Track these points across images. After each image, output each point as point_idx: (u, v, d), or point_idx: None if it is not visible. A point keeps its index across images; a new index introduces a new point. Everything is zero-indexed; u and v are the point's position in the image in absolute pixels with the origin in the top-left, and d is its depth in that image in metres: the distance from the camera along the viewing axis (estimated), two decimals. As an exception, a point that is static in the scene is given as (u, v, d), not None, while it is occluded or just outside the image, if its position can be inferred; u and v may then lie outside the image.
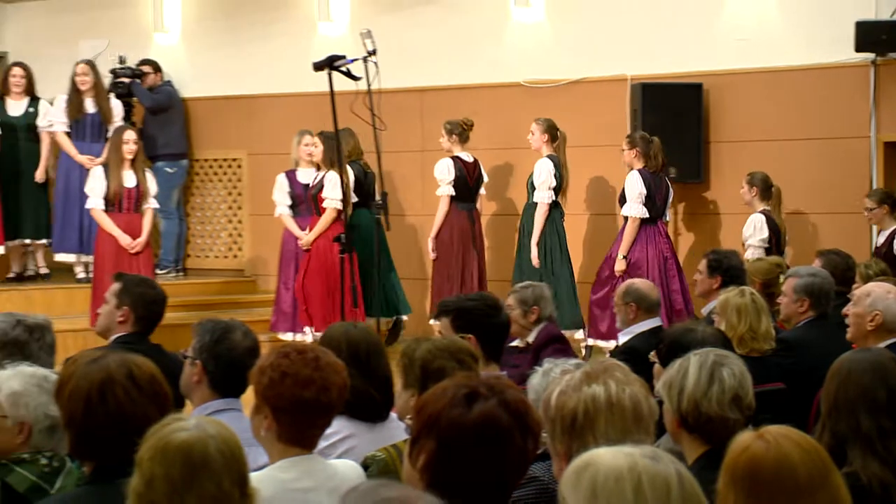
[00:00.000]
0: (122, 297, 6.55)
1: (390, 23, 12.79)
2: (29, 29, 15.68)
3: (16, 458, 4.25)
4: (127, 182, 11.63)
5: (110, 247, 11.66)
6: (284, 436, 4.01)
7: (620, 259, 11.41)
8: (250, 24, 14.44)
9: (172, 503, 3.09)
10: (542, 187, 11.73)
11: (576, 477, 2.71)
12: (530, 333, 7.62)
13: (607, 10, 12.61)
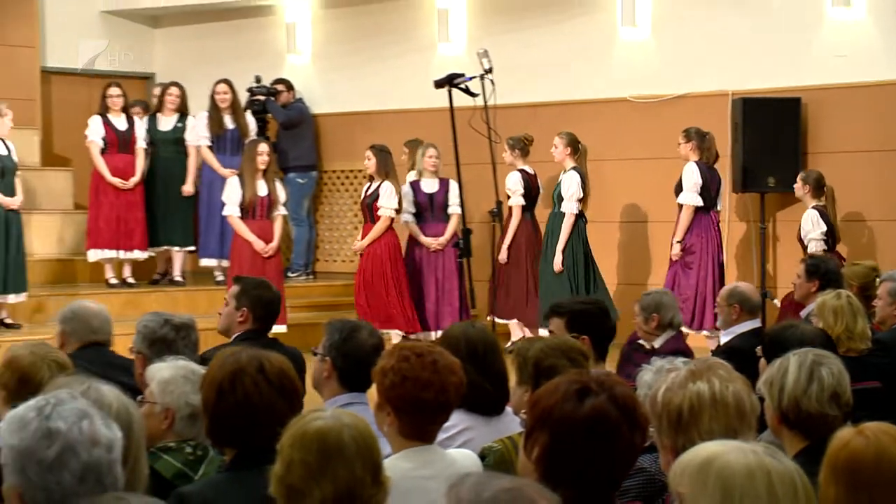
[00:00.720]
0: (241, 299, 6.64)
1: (505, 43, 12.78)
2: (175, 51, 15.93)
3: (163, 447, 4.31)
4: (260, 191, 11.74)
5: (245, 251, 11.75)
6: (405, 431, 4.03)
7: (676, 244, 11.38)
8: (375, 46, 14.51)
9: (309, 486, 3.11)
10: (570, 198, 11.70)
11: (699, 473, 2.68)
12: (656, 339, 7.53)
13: (710, 28, 12.50)
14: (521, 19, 13.56)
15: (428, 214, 12.04)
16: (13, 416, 2.87)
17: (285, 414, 3.61)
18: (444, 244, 11.89)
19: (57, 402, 2.87)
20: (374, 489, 3.20)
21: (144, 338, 5.38)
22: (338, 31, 14.96)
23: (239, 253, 11.81)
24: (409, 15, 14.33)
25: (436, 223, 12.02)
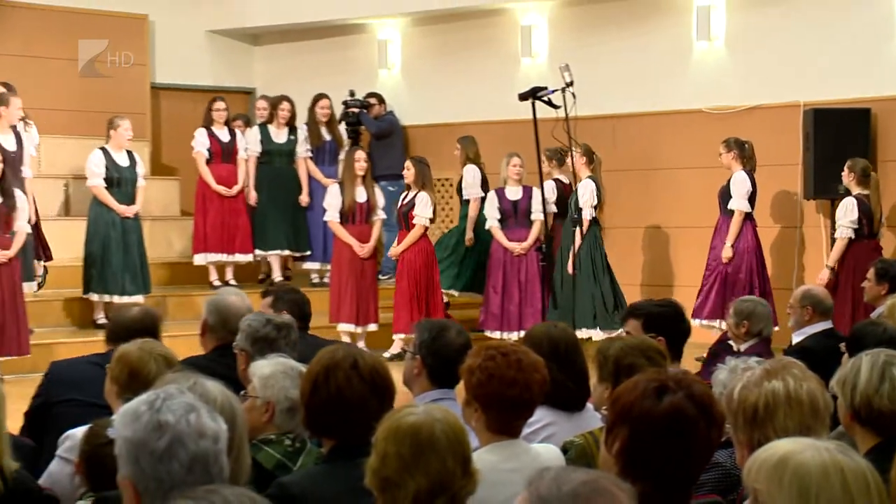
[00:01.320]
0: (278, 305, 6.69)
1: (585, 57, 12.72)
2: (274, 67, 16.05)
3: (264, 439, 4.35)
4: (359, 197, 11.81)
5: (346, 254, 11.82)
6: (492, 426, 4.03)
7: (728, 247, 11.30)
8: (461, 61, 14.53)
9: (403, 479, 3.12)
10: (585, 205, 11.62)
11: (775, 471, 2.66)
12: (744, 343, 7.52)
13: (782, 41, 12.39)
14: (601, 35, 13.51)
15: (511, 220, 12.03)
16: (126, 410, 2.90)
17: (377, 409, 3.63)
18: (527, 249, 11.89)
19: (166, 397, 2.89)
20: (465, 481, 3.20)
21: (248, 336, 5.41)
22: (426, 48, 15.00)
23: (339, 256, 11.90)
24: (494, 31, 14.33)
25: (519, 229, 12.01)
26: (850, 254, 10.85)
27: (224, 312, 5.93)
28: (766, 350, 7.50)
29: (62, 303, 12.01)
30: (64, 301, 12.01)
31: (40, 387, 5.85)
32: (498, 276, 12.04)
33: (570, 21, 13.82)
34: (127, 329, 5.63)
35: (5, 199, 10.26)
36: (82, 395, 5.34)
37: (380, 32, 15.22)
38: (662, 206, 12.50)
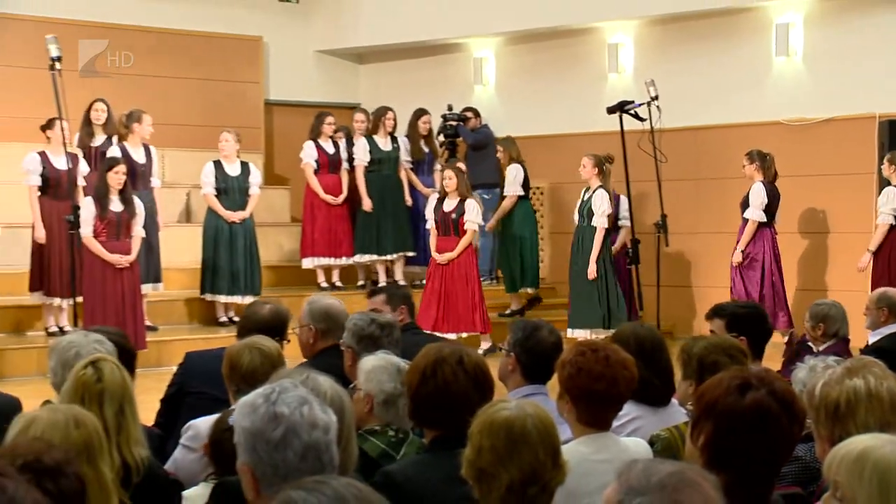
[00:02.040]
0: (394, 301, 6.73)
1: (668, 72, 12.64)
2: (377, 84, 16.14)
3: (370, 430, 4.36)
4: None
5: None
6: (582, 418, 4.01)
7: (738, 252, 11.26)
8: (551, 77, 14.49)
9: (497, 470, 3.11)
10: (601, 214, 11.47)
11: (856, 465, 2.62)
12: (822, 344, 7.49)
13: (857, 56, 12.20)
14: (683, 51, 13.41)
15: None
16: (244, 402, 2.93)
17: (478, 402, 3.63)
18: (614, 254, 11.81)
19: (282, 390, 2.92)
20: (555, 472, 3.19)
21: (354, 334, 5.43)
22: (519, 65, 14.99)
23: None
24: (582, 49, 14.28)
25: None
26: (889, 240, 10.85)
27: (334, 317, 5.96)
28: (845, 350, 7.40)
29: (183, 302, 12.17)
30: (184, 301, 12.17)
31: (175, 375, 5.93)
32: None
33: (655, 39, 13.73)
34: (256, 326, 5.70)
35: (126, 207, 10.43)
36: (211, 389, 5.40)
37: (476, 51, 15.25)
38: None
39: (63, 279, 10.70)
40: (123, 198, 10.42)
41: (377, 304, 6.73)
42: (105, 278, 10.29)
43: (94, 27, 13.86)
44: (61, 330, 10.67)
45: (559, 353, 4.72)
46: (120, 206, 10.39)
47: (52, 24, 11.92)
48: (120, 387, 3.96)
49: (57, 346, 4.86)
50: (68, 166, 10.67)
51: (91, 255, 10.25)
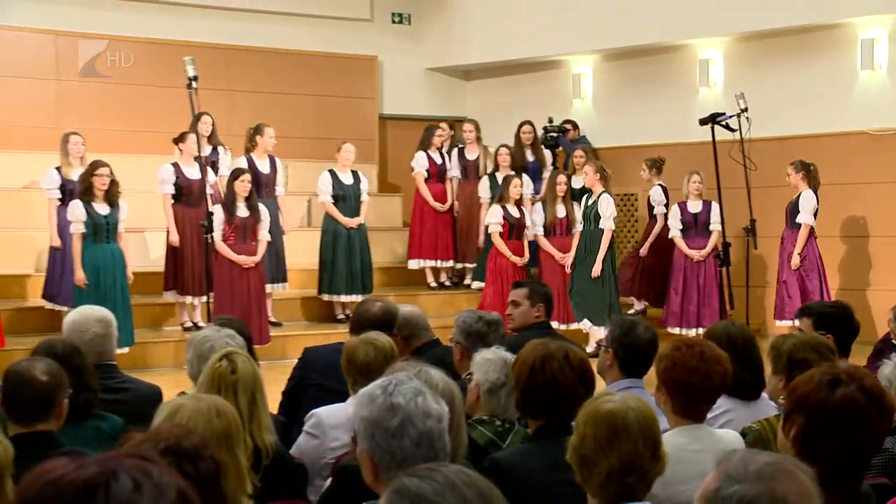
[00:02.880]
0: (534, 298, 6.66)
1: (757, 85, 12.46)
2: (483, 98, 16.15)
3: (478, 420, 4.37)
4: (559, 213, 11.82)
5: (549, 263, 11.88)
6: (678, 409, 3.98)
7: (796, 256, 11.36)
8: (645, 91, 14.38)
9: (598, 457, 3.09)
10: (608, 217, 11.48)
11: None
12: None
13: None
14: (771, 65, 13.21)
15: (692, 231, 11.88)
16: (363, 393, 2.95)
17: (582, 395, 3.62)
18: (706, 256, 11.70)
19: (398, 382, 2.93)
20: (654, 463, 3.15)
21: (462, 331, 5.45)
22: (615, 80, 14.90)
23: (546, 263, 11.92)
24: (675, 65, 14.15)
25: (698, 238, 11.85)
26: None
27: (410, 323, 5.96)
28: None
29: (302, 301, 12.28)
30: (302, 300, 12.28)
31: (295, 369, 5.98)
32: (679, 280, 11.91)
33: (744, 54, 13.55)
34: (367, 322, 5.73)
35: (252, 213, 10.57)
36: (328, 381, 5.44)
37: (575, 67, 15.19)
38: (828, 218, 12.11)
39: (195, 279, 10.88)
40: (249, 204, 10.58)
41: (518, 296, 6.70)
42: (233, 278, 10.45)
43: (220, 49, 14.06)
44: (195, 325, 10.84)
45: (655, 349, 4.71)
46: (246, 212, 10.55)
47: (188, 47, 12.10)
48: (252, 377, 4.02)
49: (193, 340, 4.95)
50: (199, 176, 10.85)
51: (221, 256, 10.41)
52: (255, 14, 14.57)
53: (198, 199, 10.71)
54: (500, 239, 11.80)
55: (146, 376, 6.18)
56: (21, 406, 3.89)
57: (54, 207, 10.69)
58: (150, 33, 13.79)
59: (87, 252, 9.86)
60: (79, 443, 4.10)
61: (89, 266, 9.83)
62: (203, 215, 10.00)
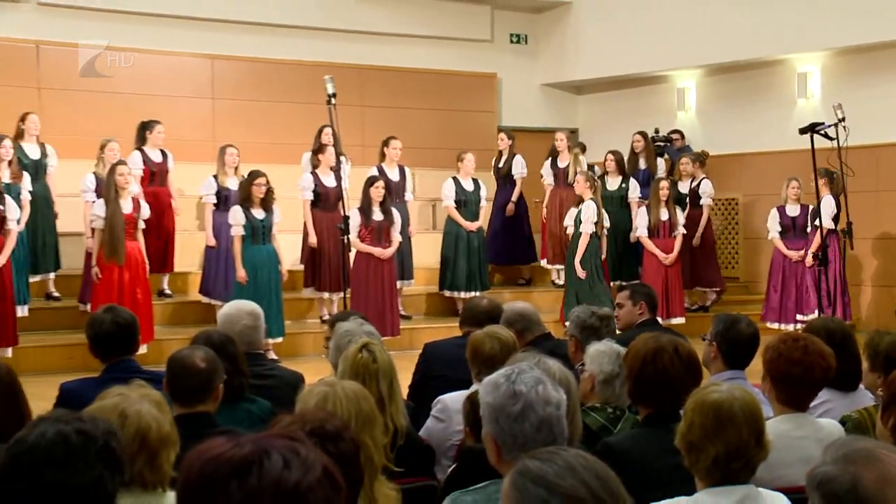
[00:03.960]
0: (636, 298, 6.58)
1: (852, 96, 12.11)
2: (593, 111, 16.09)
3: (591, 407, 4.32)
4: (662, 216, 11.69)
5: (653, 262, 11.72)
6: (781, 398, 3.90)
7: (810, 255, 11.17)
8: (746, 103, 14.16)
9: (704, 444, 3.03)
10: (587, 221, 11.27)
11: None
12: None
13: None
14: (867, 77, 12.88)
15: (791, 233, 11.61)
16: (488, 381, 2.94)
17: (689, 385, 3.56)
18: (803, 256, 11.43)
19: (520, 372, 2.91)
20: (757, 450, 3.08)
21: (577, 325, 5.40)
22: (716, 93, 14.69)
23: (649, 262, 11.78)
24: (774, 79, 13.88)
25: (797, 239, 11.58)
26: None
27: (525, 318, 5.92)
28: None
29: (427, 296, 12.33)
30: (427, 295, 12.32)
31: (419, 364, 6.00)
32: (778, 278, 11.68)
33: (841, 67, 13.22)
34: (476, 316, 5.75)
35: (386, 217, 10.66)
36: (450, 371, 5.44)
37: (679, 82, 15.02)
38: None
39: (332, 276, 11.00)
40: (383, 209, 10.67)
41: (622, 298, 6.65)
42: (368, 275, 10.54)
43: (355, 69, 14.22)
44: (333, 318, 10.97)
45: (756, 343, 4.63)
46: (381, 216, 10.64)
47: (327, 67, 12.24)
48: (389, 365, 4.06)
49: (336, 332, 5.00)
50: (335, 184, 10.97)
51: (357, 255, 10.52)
52: (386, 37, 14.70)
53: (334, 205, 10.81)
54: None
55: (295, 363, 6.26)
56: (183, 390, 3.97)
57: (210, 212, 10.92)
58: (293, 55, 14.00)
59: (246, 252, 10.04)
60: (232, 423, 4.16)
61: (248, 265, 10.00)
62: (339, 219, 10.12)
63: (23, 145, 10.71)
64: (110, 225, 9.48)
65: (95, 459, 2.25)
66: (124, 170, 9.71)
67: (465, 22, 15.30)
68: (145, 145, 11.23)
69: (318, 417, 2.61)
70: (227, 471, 1.58)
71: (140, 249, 9.76)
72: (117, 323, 4.89)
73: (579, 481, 1.96)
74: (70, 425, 2.27)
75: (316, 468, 1.61)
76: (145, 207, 10.00)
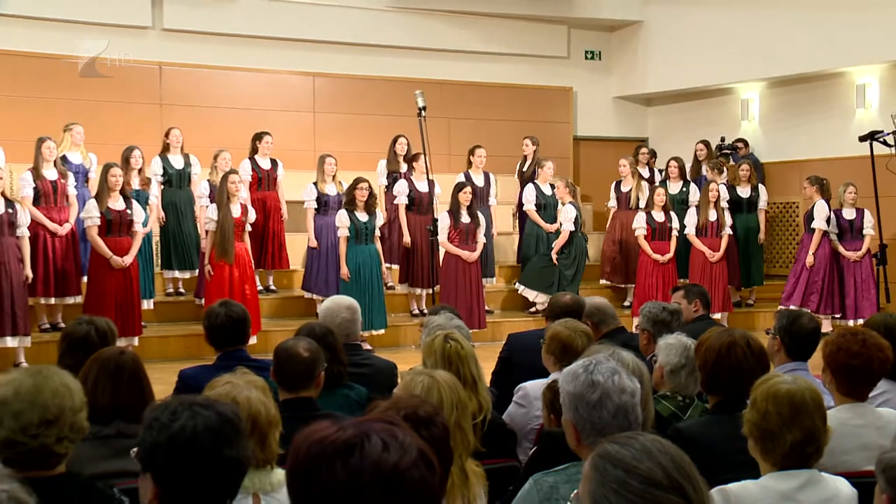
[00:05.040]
0: (690, 296, 6.48)
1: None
2: (661, 121, 15.89)
3: (662, 395, 4.26)
4: (710, 217, 11.55)
5: (699, 260, 11.60)
6: (842, 389, 3.83)
7: (810, 256, 11.14)
8: (806, 113, 13.87)
9: (781, 431, 2.97)
10: (567, 220, 11.37)
11: None
12: None
13: None
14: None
15: (848, 235, 11.32)
16: (568, 371, 2.91)
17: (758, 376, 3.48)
18: (861, 256, 11.16)
19: (597, 363, 2.88)
20: (825, 435, 3.02)
21: (649, 320, 5.34)
22: (778, 103, 14.40)
23: (696, 259, 11.63)
24: (833, 90, 13.56)
25: (853, 241, 11.29)
26: None
27: (601, 311, 5.86)
28: None
29: (506, 293, 12.28)
30: (508, 292, 12.28)
31: (502, 352, 5.98)
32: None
33: (896, 79, 12.91)
34: (560, 310, 5.71)
35: (472, 219, 10.67)
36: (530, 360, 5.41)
37: (743, 94, 14.76)
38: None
39: (423, 274, 11.04)
40: (471, 212, 10.68)
41: (677, 297, 6.57)
42: (457, 273, 10.57)
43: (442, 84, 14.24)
44: (422, 312, 11.00)
45: (817, 336, 4.54)
46: (468, 219, 10.66)
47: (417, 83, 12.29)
48: (472, 353, 4.05)
49: (429, 324, 5.01)
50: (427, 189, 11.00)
51: (446, 254, 10.56)
52: (471, 54, 14.70)
53: (427, 208, 10.85)
54: (644, 241, 11.55)
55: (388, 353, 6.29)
56: (288, 377, 4.00)
57: (311, 215, 11.03)
58: (385, 72, 14.08)
59: (350, 252, 10.11)
60: (332, 407, 4.19)
61: (352, 263, 10.08)
62: (429, 221, 10.15)
63: (168, 157, 10.96)
64: (222, 227, 9.63)
65: (244, 437, 2.31)
66: (235, 178, 9.86)
67: (543, 40, 15.23)
68: (257, 154, 11.39)
69: (412, 403, 2.62)
70: (331, 452, 1.60)
71: (247, 249, 9.90)
72: (230, 316, 4.95)
73: (655, 464, 1.93)
74: (227, 407, 2.34)
75: (412, 450, 1.61)
76: (252, 212, 10.14)
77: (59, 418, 2.72)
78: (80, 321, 4.61)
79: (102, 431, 3.48)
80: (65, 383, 2.78)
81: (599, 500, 1.93)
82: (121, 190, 9.32)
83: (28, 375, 2.80)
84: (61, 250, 9.54)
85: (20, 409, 2.70)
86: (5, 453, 2.69)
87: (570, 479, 2.81)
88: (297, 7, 13.59)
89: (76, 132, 10.52)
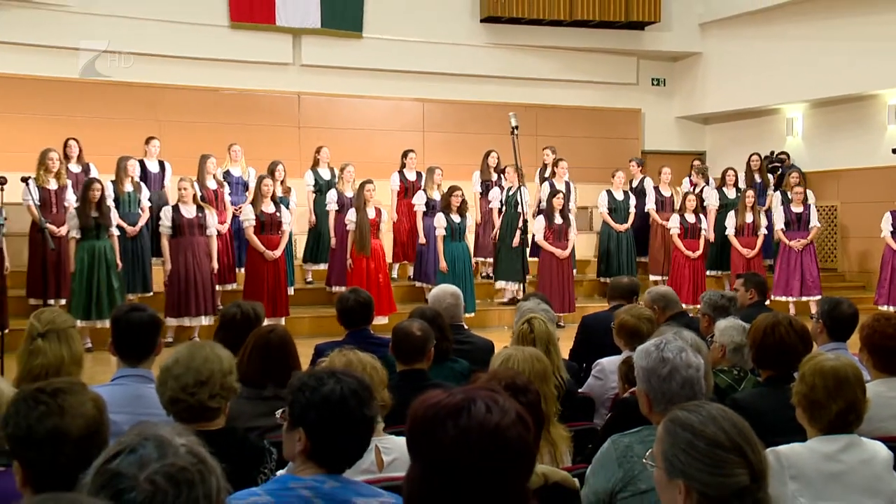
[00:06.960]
0: (748, 285, 6.34)
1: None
2: (718, 137, 15.56)
3: (720, 369, 4.16)
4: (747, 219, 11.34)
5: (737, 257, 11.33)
6: (878, 365, 3.68)
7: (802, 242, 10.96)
8: (844, 129, 13.42)
9: (828, 402, 2.86)
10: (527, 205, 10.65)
11: None
12: None
13: None
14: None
15: (893, 234, 10.81)
16: (641, 349, 2.85)
17: (801, 352, 3.38)
18: None
19: (666, 342, 2.81)
20: (865, 405, 2.90)
21: (709, 305, 5.21)
22: (819, 121, 13.95)
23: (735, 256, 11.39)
24: (866, 110, 13.09)
25: None
26: None
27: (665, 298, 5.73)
28: None
29: (586, 282, 12.15)
30: (587, 281, 12.15)
31: (578, 333, 5.92)
32: (887, 270, 10.85)
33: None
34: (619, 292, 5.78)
35: (564, 220, 10.68)
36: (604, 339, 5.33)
37: (788, 113, 14.34)
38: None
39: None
40: (563, 215, 10.68)
41: (737, 284, 6.42)
42: (551, 266, 10.63)
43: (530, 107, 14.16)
44: (513, 300, 10.97)
45: (855, 320, 4.37)
46: (560, 220, 10.64)
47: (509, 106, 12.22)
48: (546, 333, 4.02)
49: (520, 308, 4.99)
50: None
51: (543, 251, 10.65)
52: (555, 82, 14.61)
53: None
54: (677, 239, 11.24)
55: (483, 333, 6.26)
56: (404, 352, 4.02)
57: (421, 217, 11.08)
58: (483, 98, 14.10)
59: (446, 248, 10.22)
60: (440, 377, 4.20)
61: (448, 258, 10.19)
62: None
63: (318, 170, 11.19)
64: (359, 227, 9.81)
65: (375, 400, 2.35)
66: (371, 187, 10.00)
67: (616, 70, 15.04)
68: (404, 168, 11.50)
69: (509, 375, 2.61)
70: (443, 414, 1.59)
71: (381, 246, 10.07)
72: (358, 301, 5.01)
73: (719, 428, 1.90)
74: (362, 375, 2.37)
75: (511, 412, 1.60)
76: (385, 213, 10.33)
77: (210, 379, 2.78)
78: (232, 305, 4.72)
79: (262, 393, 3.55)
80: (215, 352, 2.85)
81: (671, 458, 1.91)
82: (270, 196, 9.57)
83: (186, 347, 2.90)
84: (221, 246, 9.84)
85: (179, 373, 2.78)
86: (172, 409, 2.78)
87: (643, 441, 2.76)
88: (411, 45, 13.72)
89: (234, 151, 10.90)
